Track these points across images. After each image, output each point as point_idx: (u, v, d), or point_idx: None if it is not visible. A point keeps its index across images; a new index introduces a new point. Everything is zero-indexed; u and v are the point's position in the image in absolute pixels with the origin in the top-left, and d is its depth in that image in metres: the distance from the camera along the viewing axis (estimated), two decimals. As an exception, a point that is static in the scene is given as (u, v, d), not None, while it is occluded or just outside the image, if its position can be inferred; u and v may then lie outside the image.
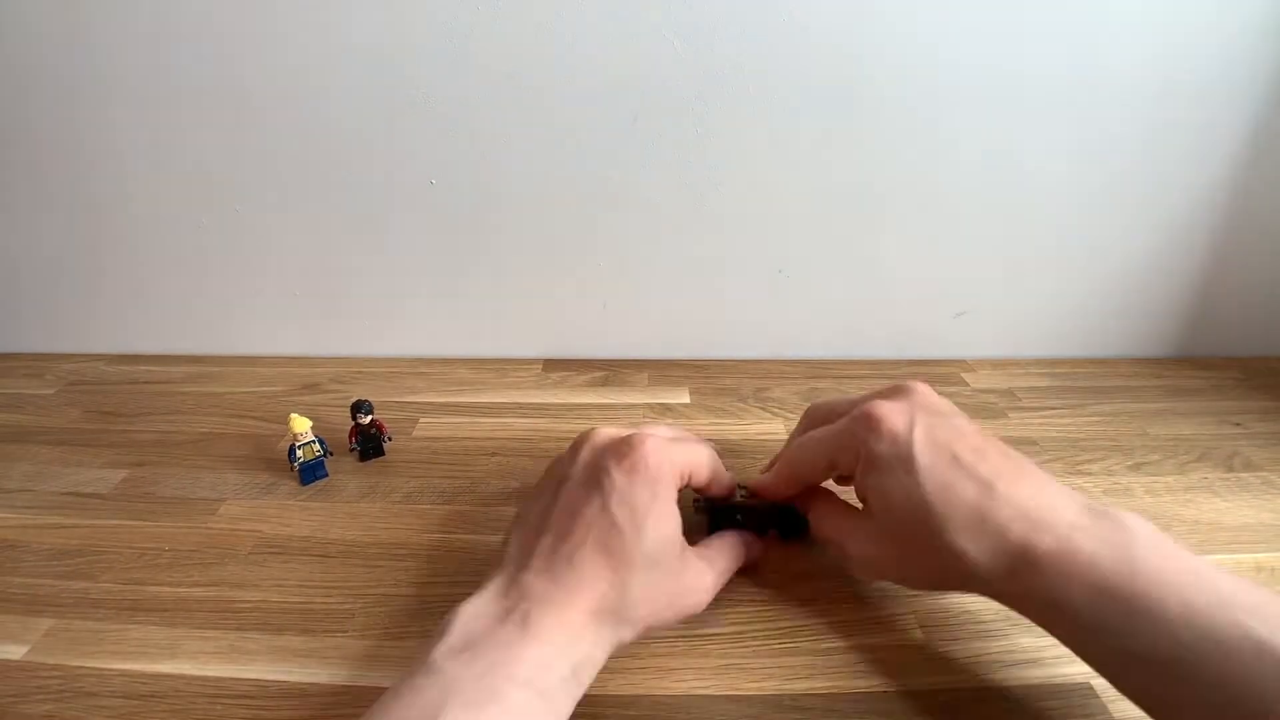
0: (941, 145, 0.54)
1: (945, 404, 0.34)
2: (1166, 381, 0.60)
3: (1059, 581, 0.26)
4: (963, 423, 0.32)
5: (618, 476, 0.31)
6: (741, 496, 0.40)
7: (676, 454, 0.33)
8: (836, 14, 0.49)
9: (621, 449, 0.32)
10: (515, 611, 0.28)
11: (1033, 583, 0.27)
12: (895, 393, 0.34)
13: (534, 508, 0.34)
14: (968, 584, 0.30)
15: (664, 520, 0.31)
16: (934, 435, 0.31)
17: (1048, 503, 0.29)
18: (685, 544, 0.33)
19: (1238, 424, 0.53)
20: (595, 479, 0.31)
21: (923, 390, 0.34)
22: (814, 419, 0.38)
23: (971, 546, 0.28)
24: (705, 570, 0.34)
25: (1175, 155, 0.55)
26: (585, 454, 0.33)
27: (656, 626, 0.31)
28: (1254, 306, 0.62)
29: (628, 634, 0.30)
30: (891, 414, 0.32)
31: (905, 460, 0.30)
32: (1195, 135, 0.54)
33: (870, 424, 0.32)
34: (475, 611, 0.28)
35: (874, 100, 0.52)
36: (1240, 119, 0.53)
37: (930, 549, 0.30)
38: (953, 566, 0.29)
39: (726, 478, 0.38)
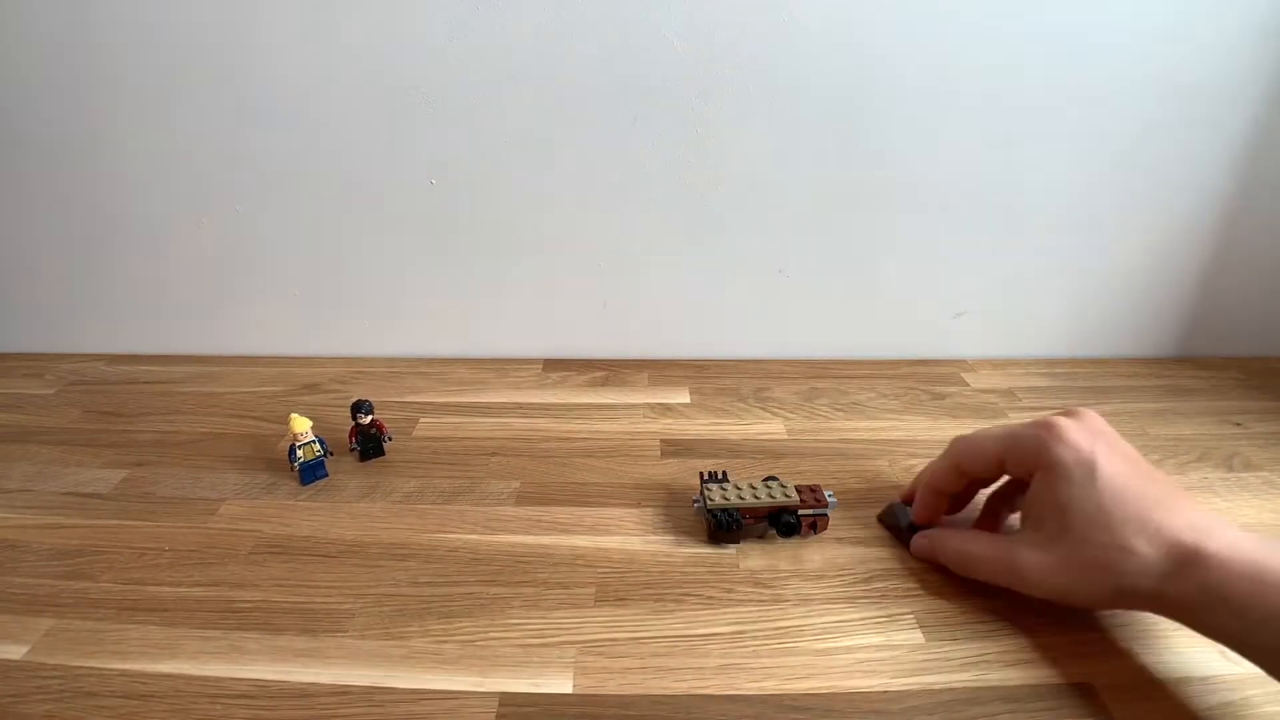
0: (942, 145, 0.54)
1: (1114, 430, 0.36)
2: (1166, 381, 0.60)
3: (1223, 576, 0.29)
4: (1129, 446, 0.35)
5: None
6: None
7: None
8: (837, 14, 0.49)
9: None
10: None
11: (1201, 579, 0.29)
12: (1070, 413, 0.36)
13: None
14: (1136, 588, 0.31)
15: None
16: (1114, 450, 0.34)
17: (1216, 521, 0.31)
18: None
19: (1238, 424, 0.53)
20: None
21: (1096, 416, 0.36)
22: (961, 448, 0.39)
23: (1144, 547, 0.31)
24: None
25: (1175, 155, 0.55)
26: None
27: None
28: (1254, 306, 0.62)
29: None
30: (1073, 428, 0.34)
31: (1088, 471, 0.33)
32: (1195, 135, 0.54)
33: (1055, 433, 0.34)
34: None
35: (874, 100, 0.52)
36: (1240, 119, 0.53)
37: (1104, 549, 0.32)
38: (1124, 567, 0.31)
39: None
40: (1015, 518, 0.41)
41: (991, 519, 0.41)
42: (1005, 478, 0.40)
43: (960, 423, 0.53)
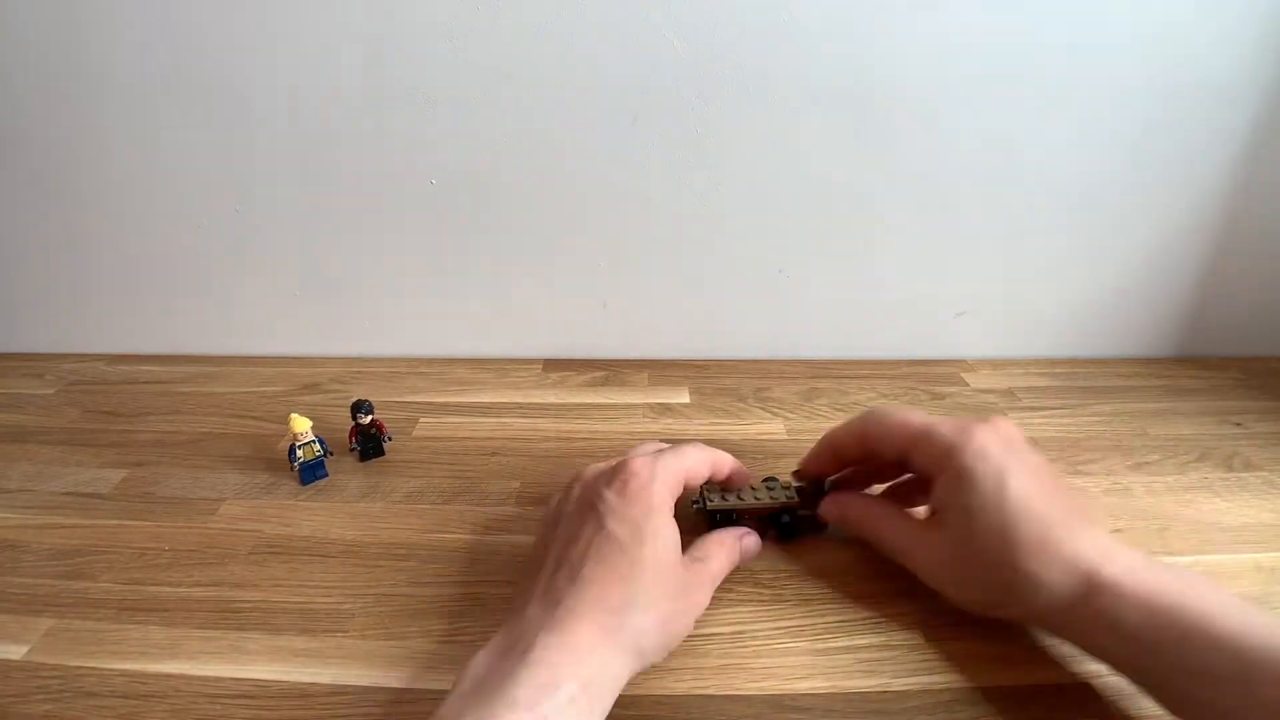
0: (942, 145, 0.54)
1: (1026, 442, 0.35)
2: (1166, 381, 0.60)
3: (1117, 603, 0.28)
4: (1040, 458, 0.34)
5: (610, 496, 0.32)
6: (774, 488, 0.40)
7: (666, 465, 0.34)
8: (837, 14, 0.49)
9: (610, 474, 0.34)
10: (518, 644, 0.28)
11: (1095, 605, 0.29)
12: (986, 420, 0.35)
13: (535, 554, 0.35)
14: (1026, 608, 0.31)
15: (661, 531, 0.32)
16: (1025, 466, 0.33)
17: (1110, 543, 0.31)
18: (681, 552, 0.33)
19: (1238, 424, 0.53)
20: (590, 504, 0.33)
21: (1008, 423, 0.35)
22: (872, 420, 0.38)
23: (1042, 570, 0.30)
24: (701, 569, 0.34)
25: (1175, 155, 0.55)
26: (576, 489, 0.35)
27: (673, 632, 0.31)
28: (1254, 306, 0.62)
29: (648, 643, 0.30)
30: (989, 438, 0.33)
31: (997, 480, 0.32)
32: (1195, 135, 0.54)
33: (967, 437, 0.33)
34: (481, 659, 0.28)
35: (874, 100, 0.52)
36: (1240, 119, 0.53)
37: (1000, 566, 0.31)
38: (1018, 587, 0.31)
39: (730, 463, 0.39)
40: (919, 511, 0.39)
41: (900, 498, 0.40)
42: (906, 476, 0.40)
43: (960, 423, 0.53)
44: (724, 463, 0.38)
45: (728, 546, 0.36)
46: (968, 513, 0.32)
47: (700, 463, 0.36)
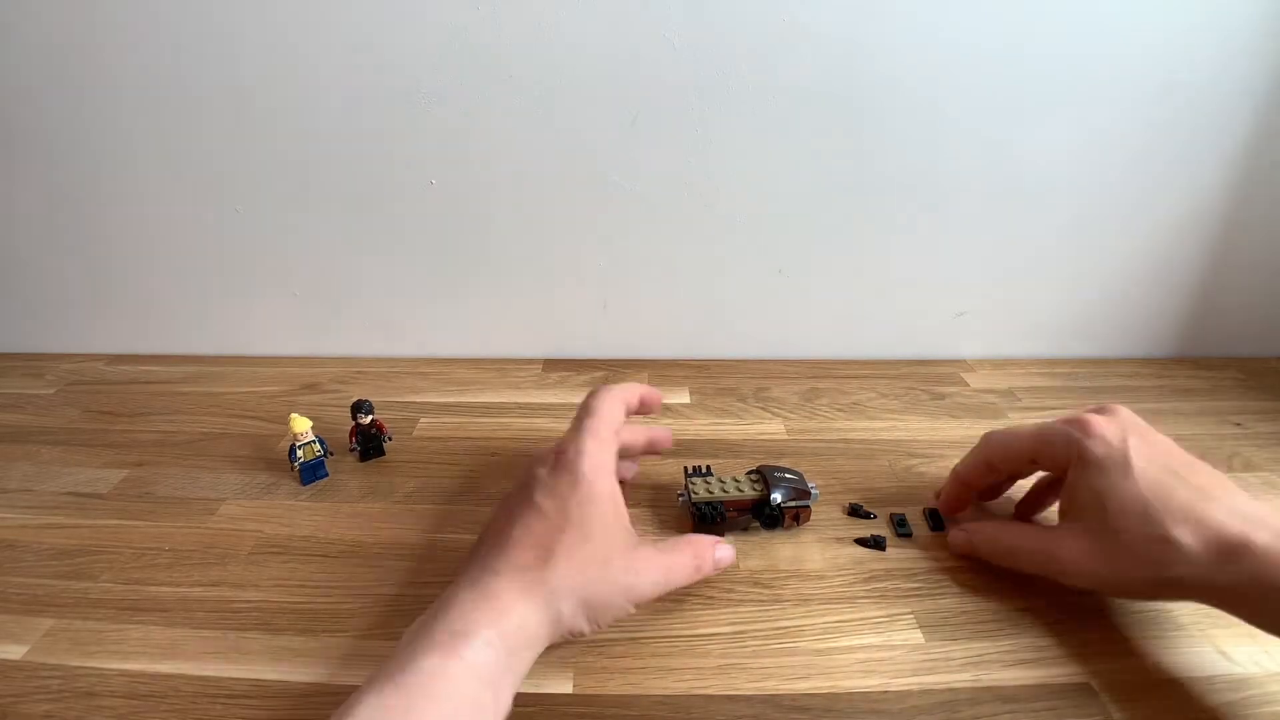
0: (941, 145, 0.54)
1: (1145, 424, 0.36)
2: (1166, 381, 0.60)
3: (1273, 565, 0.29)
4: (1169, 441, 0.35)
5: (542, 474, 0.35)
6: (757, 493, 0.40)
7: (591, 433, 0.36)
8: (837, 14, 0.49)
9: (545, 454, 0.36)
10: (444, 603, 0.30)
11: (1250, 570, 0.29)
12: (1102, 409, 0.36)
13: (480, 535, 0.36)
14: (1180, 579, 0.31)
15: (591, 503, 0.33)
16: (1148, 443, 0.34)
17: (1263, 509, 0.31)
18: (630, 530, 0.34)
19: (1238, 424, 0.53)
20: (525, 483, 0.35)
21: (1126, 410, 0.36)
22: (992, 444, 0.40)
23: (1187, 537, 0.30)
24: (652, 554, 0.34)
25: (1175, 155, 0.55)
26: (521, 472, 0.37)
27: (598, 604, 0.32)
28: (1254, 306, 0.62)
29: (565, 606, 0.31)
30: (1105, 423, 0.35)
31: (1121, 463, 0.33)
32: (1195, 135, 0.54)
33: (1086, 429, 0.34)
34: (415, 622, 0.30)
35: (874, 100, 0.52)
36: (1240, 119, 0.53)
37: (1145, 541, 0.31)
38: (1166, 558, 0.31)
39: (638, 390, 0.40)
40: (1049, 512, 0.41)
41: (1027, 512, 0.42)
42: (1039, 474, 0.41)
43: (960, 423, 0.53)
44: (632, 395, 0.40)
45: (697, 546, 0.36)
46: (1102, 496, 0.33)
47: (614, 411, 0.38)
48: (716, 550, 0.36)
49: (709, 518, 0.40)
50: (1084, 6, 0.49)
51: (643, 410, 0.41)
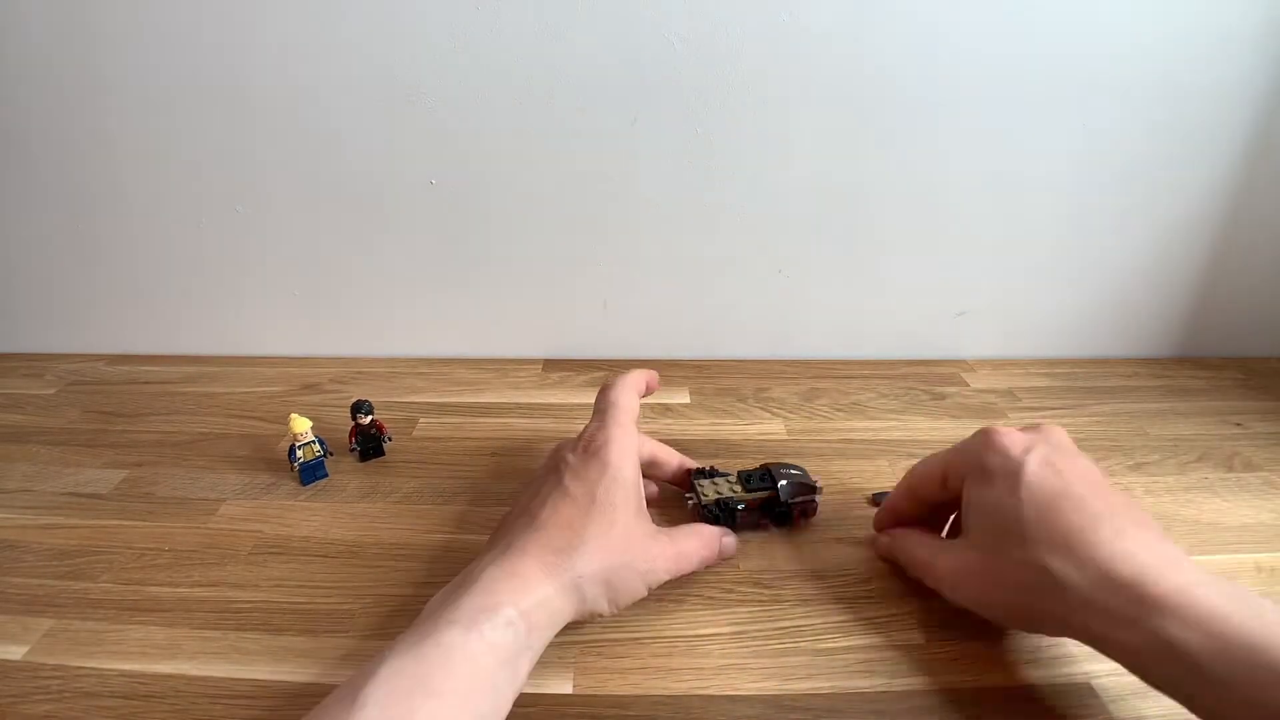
0: (941, 145, 0.54)
1: (1075, 448, 0.34)
2: (1166, 381, 0.60)
3: (1179, 627, 0.25)
4: (1088, 464, 0.32)
5: (572, 459, 0.36)
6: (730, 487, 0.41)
7: (616, 423, 0.37)
8: (837, 14, 0.49)
9: (575, 441, 0.37)
10: (469, 577, 0.31)
11: (1152, 625, 0.25)
12: (1026, 427, 0.34)
13: (506, 514, 0.38)
14: (1054, 614, 0.29)
15: (616, 492, 0.34)
16: (1049, 462, 0.31)
17: (1167, 553, 0.28)
18: (649, 517, 0.36)
19: (1238, 424, 0.53)
20: (554, 466, 0.36)
21: (1057, 430, 0.34)
22: (913, 469, 0.38)
23: (1070, 570, 0.28)
24: (666, 541, 0.35)
25: (1175, 155, 0.55)
26: (549, 457, 0.39)
27: (619, 587, 0.33)
28: (1254, 306, 0.62)
29: (589, 589, 0.32)
30: (1010, 436, 0.33)
31: (1012, 476, 0.31)
32: (1195, 135, 0.54)
33: (987, 440, 0.33)
34: (437, 595, 0.31)
35: (874, 100, 0.52)
36: (1240, 119, 0.53)
37: (1022, 566, 0.29)
38: (1044, 590, 0.29)
39: (646, 375, 0.42)
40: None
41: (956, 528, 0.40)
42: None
43: (960, 423, 0.53)
44: (641, 383, 0.42)
45: (705, 535, 0.37)
46: (985, 511, 0.32)
47: (633, 402, 0.39)
48: (723, 540, 0.38)
49: (721, 519, 0.40)
50: (1084, 6, 0.49)
51: (646, 392, 0.43)
